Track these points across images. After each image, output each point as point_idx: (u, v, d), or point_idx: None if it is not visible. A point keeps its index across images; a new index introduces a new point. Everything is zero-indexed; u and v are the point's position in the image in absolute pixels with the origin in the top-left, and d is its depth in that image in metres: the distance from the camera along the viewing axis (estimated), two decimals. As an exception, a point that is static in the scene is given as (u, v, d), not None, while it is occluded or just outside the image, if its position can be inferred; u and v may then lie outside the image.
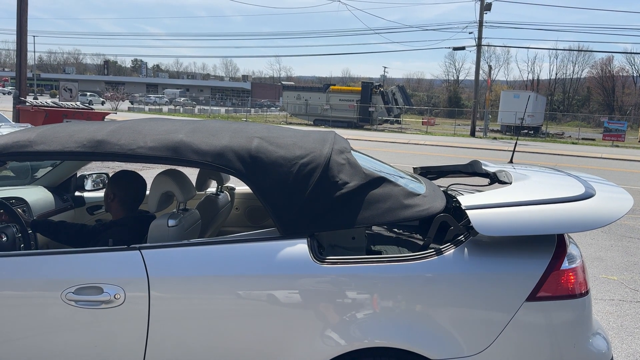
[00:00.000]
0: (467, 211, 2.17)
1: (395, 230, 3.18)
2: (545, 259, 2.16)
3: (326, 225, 2.24)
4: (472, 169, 3.21)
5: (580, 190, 2.34)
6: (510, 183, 2.56)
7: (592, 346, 2.21)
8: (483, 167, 3.07)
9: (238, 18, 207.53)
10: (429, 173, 3.56)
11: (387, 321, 2.13)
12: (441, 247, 2.20)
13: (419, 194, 2.44)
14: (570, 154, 23.05)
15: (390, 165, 2.98)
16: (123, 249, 2.24)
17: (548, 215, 2.13)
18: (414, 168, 3.65)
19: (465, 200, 2.27)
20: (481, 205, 2.20)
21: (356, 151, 2.85)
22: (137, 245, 2.24)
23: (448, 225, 2.30)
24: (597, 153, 23.98)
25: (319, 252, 2.22)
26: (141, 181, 2.84)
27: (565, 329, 2.16)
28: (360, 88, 40.43)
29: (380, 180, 2.39)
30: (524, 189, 2.40)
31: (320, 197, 2.25)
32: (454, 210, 2.96)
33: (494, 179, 2.90)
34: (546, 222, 2.10)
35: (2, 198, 2.95)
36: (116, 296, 2.16)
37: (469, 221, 2.19)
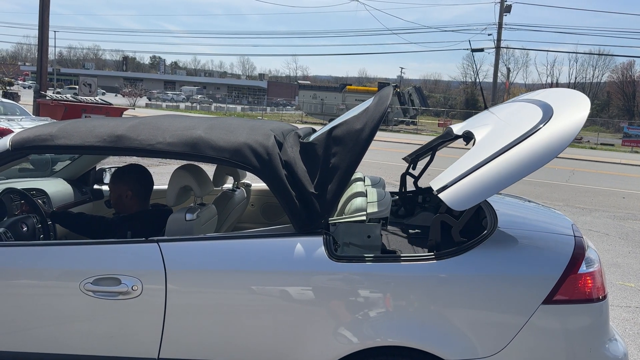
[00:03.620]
0: (439, 195, 2.17)
1: (411, 230, 3.17)
2: (562, 262, 2.14)
3: (333, 201, 2.25)
4: (449, 137, 3.25)
5: (533, 122, 2.28)
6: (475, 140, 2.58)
7: (608, 352, 2.18)
8: (455, 131, 3.10)
9: (255, 17, 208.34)
10: (418, 156, 3.64)
11: (401, 320, 2.13)
12: (456, 247, 2.19)
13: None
14: (588, 158, 22.75)
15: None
16: (141, 242, 2.27)
17: (502, 168, 2.08)
18: (403, 158, 3.77)
19: (435, 184, 2.27)
20: (447, 184, 2.19)
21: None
22: (155, 238, 2.27)
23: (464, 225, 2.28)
24: (616, 158, 23.64)
25: (334, 249, 2.22)
26: (148, 172, 2.89)
27: (581, 334, 2.14)
28: (376, 88, 40.33)
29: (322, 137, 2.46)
30: (482, 147, 2.37)
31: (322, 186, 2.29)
32: None
33: (468, 138, 2.91)
34: (502, 177, 2.05)
35: (23, 189, 3.00)
36: (134, 288, 2.19)
37: (479, 217, 2.18)
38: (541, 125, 2.19)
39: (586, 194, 12.02)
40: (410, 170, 3.68)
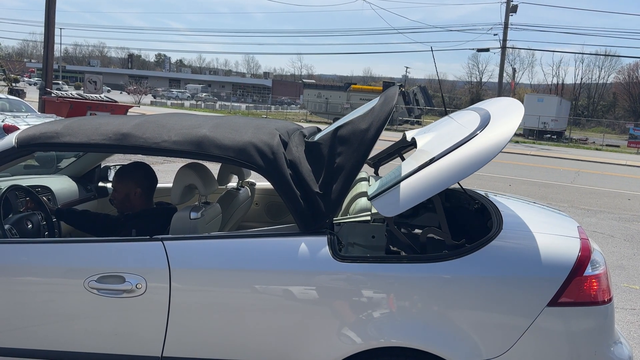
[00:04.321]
0: (371, 202, 2.21)
1: (415, 230, 3.16)
2: (568, 264, 2.13)
3: (337, 200, 2.26)
4: (405, 143, 3.28)
5: (469, 130, 2.31)
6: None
7: (613, 355, 2.17)
8: (408, 137, 3.13)
9: (260, 15, 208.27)
10: (381, 160, 3.66)
11: (405, 321, 2.12)
12: (461, 249, 2.19)
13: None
14: (593, 160, 22.67)
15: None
16: (146, 240, 2.27)
17: (432, 176, 2.12)
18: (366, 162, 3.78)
19: (370, 190, 2.31)
20: (380, 191, 2.22)
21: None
22: (160, 237, 2.27)
23: (469, 226, 2.28)
24: (622, 160, 23.54)
25: (339, 249, 2.22)
26: (153, 170, 2.90)
27: (586, 336, 2.13)
28: (381, 88, 40.28)
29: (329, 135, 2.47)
30: (418, 155, 2.42)
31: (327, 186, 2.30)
32: (476, 210, 2.94)
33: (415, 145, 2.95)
34: (432, 184, 2.09)
35: (28, 186, 3.01)
36: (138, 286, 2.19)
37: (484, 218, 2.18)
38: (477, 132, 2.23)
39: (591, 196, 11.97)
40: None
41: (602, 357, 2.14)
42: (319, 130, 3.02)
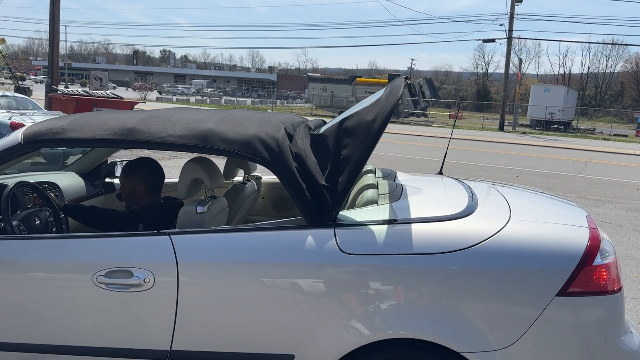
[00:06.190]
0: (335, 228, 2.21)
1: None
2: (577, 254, 2.11)
3: (343, 193, 2.25)
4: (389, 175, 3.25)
5: (454, 210, 2.33)
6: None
7: (623, 344, 2.16)
8: (398, 177, 3.08)
9: (264, 9, 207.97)
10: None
11: (413, 313, 2.12)
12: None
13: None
14: (601, 150, 22.52)
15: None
16: (153, 234, 2.27)
17: (397, 235, 2.16)
18: None
19: (343, 214, 2.30)
20: (353, 222, 2.23)
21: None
22: (167, 231, 2.28)
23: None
24: (630, 150, 23.38)
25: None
26: (159, 165, 2.90)
27: (596, 326, 2.11)
28: (386, 80, 40.15)
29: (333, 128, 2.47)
30: (401, 206, 2.43)
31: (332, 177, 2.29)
32: None
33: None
34: (398, 243, 2.14)
35: (35, 182, 3.02)
36: (146, 280, 2.20)
37: None
38: (459, 217, 2.26)
39: (599, 186, 11.90)
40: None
41: (612, 346, 2.13)
42: (325, 122, 3.01)
